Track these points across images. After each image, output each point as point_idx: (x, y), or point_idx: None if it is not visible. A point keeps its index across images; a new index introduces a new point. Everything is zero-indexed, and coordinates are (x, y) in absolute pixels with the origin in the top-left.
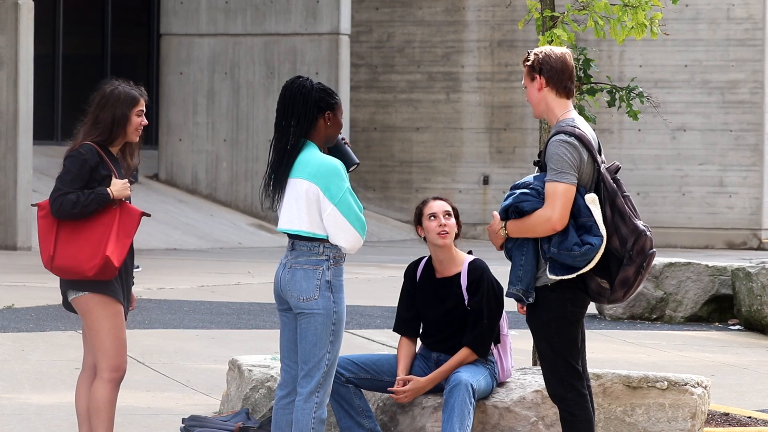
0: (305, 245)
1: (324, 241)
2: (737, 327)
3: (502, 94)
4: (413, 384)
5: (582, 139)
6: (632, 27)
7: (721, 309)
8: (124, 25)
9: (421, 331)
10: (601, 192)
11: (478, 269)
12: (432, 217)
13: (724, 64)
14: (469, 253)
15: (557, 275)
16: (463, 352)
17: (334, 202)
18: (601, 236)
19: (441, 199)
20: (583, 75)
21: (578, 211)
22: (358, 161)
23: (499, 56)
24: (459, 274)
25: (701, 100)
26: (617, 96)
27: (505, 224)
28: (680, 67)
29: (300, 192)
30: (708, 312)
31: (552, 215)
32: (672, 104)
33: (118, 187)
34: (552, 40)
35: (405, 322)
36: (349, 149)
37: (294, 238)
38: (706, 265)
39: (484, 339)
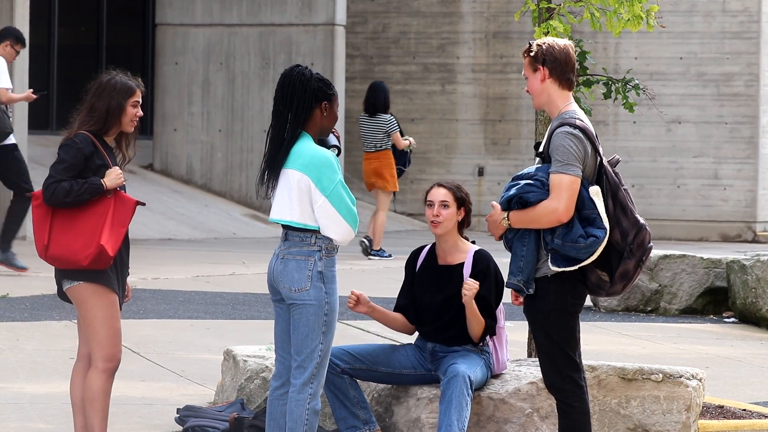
0: (297, 236)
1: (316, 231)
2: (732, 319)
3: (497, 85)
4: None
5: (586, 132)
6: (628, 19)
7: (715, 301)
8: (119, 15)
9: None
10: (603, 184)
11: (484, 259)
12: (429, 205)
13: (719, 56)
14: (473, 243)
15: (559, 267)
16: (480, 318)
17: (325, 194)
18: (605, 229)
19: (445, 187)
20: (578, 67)
21: (582, 203)
22: (338, 145)
23: (495, 48)
24: (462, 264)
25: (696, 92)
26: (613, 88)
27: (508, 215)
28: (675, 59)
29: (292, 182)
30: (703, 304)
31: (558, 207)
32: (667, 96)
33: (111, 177)
34: (548, 32)
35: (401, 308)
36: (332, 136)
37: (287, 228)
38: (701, 258)
39: (493, 325)
